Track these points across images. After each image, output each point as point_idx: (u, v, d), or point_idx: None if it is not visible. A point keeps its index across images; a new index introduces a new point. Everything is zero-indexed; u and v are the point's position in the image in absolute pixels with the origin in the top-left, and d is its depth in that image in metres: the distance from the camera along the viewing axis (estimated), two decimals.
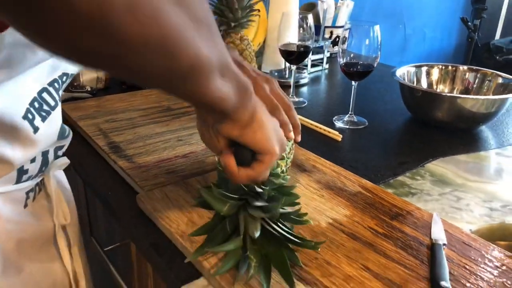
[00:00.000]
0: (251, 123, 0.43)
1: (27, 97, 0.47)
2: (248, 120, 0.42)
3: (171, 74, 0.31)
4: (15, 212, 0.52)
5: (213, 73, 0.35)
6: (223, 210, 0.45)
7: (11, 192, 0.51)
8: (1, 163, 0.47)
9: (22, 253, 0.53)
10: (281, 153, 0.47)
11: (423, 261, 0.51)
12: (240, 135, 0.43)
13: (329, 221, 0.58)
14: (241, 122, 0.42)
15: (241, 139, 0.44)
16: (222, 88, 0.37)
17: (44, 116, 0.50)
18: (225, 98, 0.38)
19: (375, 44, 0.89)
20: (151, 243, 0.56)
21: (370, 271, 0.49)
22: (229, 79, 0.37)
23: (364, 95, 1.12)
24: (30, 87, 0.47)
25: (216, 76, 0.35)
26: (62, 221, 0.60)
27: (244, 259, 0.45)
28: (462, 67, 1.07)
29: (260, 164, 0.45)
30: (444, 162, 0.81)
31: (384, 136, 0.93)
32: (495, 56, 2.55)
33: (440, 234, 0.55)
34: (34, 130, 0.48)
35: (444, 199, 0.68)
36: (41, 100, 0.49)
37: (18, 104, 0.46)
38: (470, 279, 0.49)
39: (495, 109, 0.90)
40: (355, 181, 0.68)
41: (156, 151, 0.76)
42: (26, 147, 0.48)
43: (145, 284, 0.68)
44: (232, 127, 0.43)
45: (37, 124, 0.49)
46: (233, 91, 0.38)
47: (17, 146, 0.47)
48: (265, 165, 0.46)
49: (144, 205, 0.61)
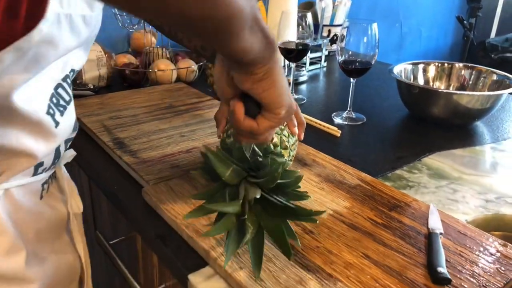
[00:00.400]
0: (266, 79, 0.44)
1: (47, 93, 0.49)
2: (263, 76, 0.43)
3: (209, 22, 0.34)
4: (33, 204, 0.54)
5: (244, 25, 0.37)
6: (225, 174, 0.46)
7: (29, 184, 0.53)
8: (26, 156, 0.49)
9: (40, 243, 0.55)
10: (286, 118, 0.48)
11: (420, 249, 0.53)
12: (252, 88, 0.44)
13: (330, 212, 0.60)
14: (256, 76, 0.43)
15: (252, 92, 0.45)
16: (248, 40, 0.39)
17: (62, 111, 0.52)
18: (249, 50, 0.40)
19: (373, 41, 0.91)
20: (157, 234, 0.58)
21: (370, 258, 0.51)
22: (257, 33, 0.39)
23: (362, 92, 1.14)
24: (48, 84, 0.49)
25: (246, 28, 0.38)
26: (75, 210, 0.62)
27: (240, 226, 0.45)
28: (457, 65, 1.09)
29: (265, 120, 0.47)
30: (440, 156, 0.83)
31: (382, 132, 0.95)
32: (491, 55, 2.58)
33: (437, 224, 0.57)
34: (56, 125, 0.51)
35: (440, 191, 0.70)
36: (57, 95, 0.51)
37: (42, 100, 0.48)
38: (465, 265, 0.51)
39: (490, 105, 0.93)
40: (354, 174, 0.70)
41: (160, 146, 0.78)
42: (48, 141, 0.50)
43: (150, 275, 0.69)
44: (246, 79, 0.44)
45: (57, 118, 0.51)
46: (258, 45, 0.40)
47: (41, 140, 0.49)
48: (269, 122, 0.47)
49: (149, 198, 0.63)
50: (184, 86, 1.12)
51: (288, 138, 0.63)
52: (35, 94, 0.47)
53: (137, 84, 1.14)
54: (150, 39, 1.28)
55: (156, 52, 1.20)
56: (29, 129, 0.48)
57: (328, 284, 0.47)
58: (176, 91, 1.07)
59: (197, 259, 0.53)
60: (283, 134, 0.63)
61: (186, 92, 1.07)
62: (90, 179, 0.86)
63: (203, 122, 0.88)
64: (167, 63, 1.15)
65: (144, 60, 1.17)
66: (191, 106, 0.97)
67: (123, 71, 1.13)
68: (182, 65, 1.18)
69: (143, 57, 1.18)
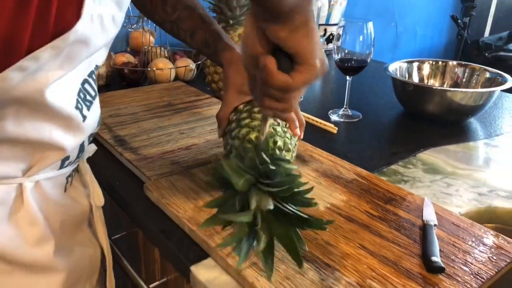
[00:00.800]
0: (302, 28, 0.42)
1: (76, 88, 0.51)
2: (299, 24, 0.42)
3: None
4: (58, 196, 0.56)
5: None
6: (239, 183, 0.46)
7: (56, 177, 0.55)
8: (57, 150, 0.51)
9: (65, 235, 0.57)
10: (321, 74, 0.46)
11: (415, 240, 0.55)
12: (287, 38, 0.43)
13: (327, 206, 0.62)
14: (292, 25, 0.42)
15: (286, 43, 0.43)
16: None
17: (88, 105, 0.53)
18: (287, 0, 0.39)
19: (369, 40, 0.93)
20: (159, 229, 0.60)
21: (366, 249, 0.53)
22: None
23: (358, 90, 1.16)
24: (76, 79, 0.51)
25: None
26: (97, 203, 0.63)
27: (251, 234, 0.46)
28: (451, 63, 1.11)
29: (299, 74, 0.44)
30: (435, 152, 0.85)
31: (378, 129, 0.97)
32: (484, 53, 2.61)
33: (431, 216, 0.59)
34: (83, 119, 0.52)
35: (435, 185, 0.72)
36: (84, 91, 0.52)
37: (71, 95, 0.50)
38: (458, 255, 0.52)
39: (483, 102, 0.95)
40: (350, 169, 0.72)
41: (160, 143, 0.80)
42: (76, 134, 0.52)
43: (152, 269, 0.71)
44: (282, 28, 0.42)
45: (85, 113, 0.52)
46: None
47: (70, 134, 0.51)
48: (305, 76, 0.44)
49: (151, 194, 0.64)
50: (183, 84, 1.13)
51: (291, 140, 0.64)
52: (66, 89, 0.48)
53: (135, 83, 1.15)
54: (149, 38, 1.30)
55: (154, 51, 1.21)
56: (60, 124, 0.49)
57: (326, 273, 0.49)
58: (175, 89, 1.09)
59: (199, 252, 0.54)
60: (286, 136, 0.63)
61: (185, 91, 1.08)
62: None
63: (201, 120, 0.90)
64: (166, 62, 1.17)
65: (142, 59, 1.19)
66: (189, 104, 0.98)
67: (122, 70, 1.15)
68: (180, 64, 1.19)
69: (142, 56, 1.19)
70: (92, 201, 0.63)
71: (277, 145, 0.61)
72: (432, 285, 0.48)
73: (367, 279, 0.48)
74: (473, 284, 0.48)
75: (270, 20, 0.43)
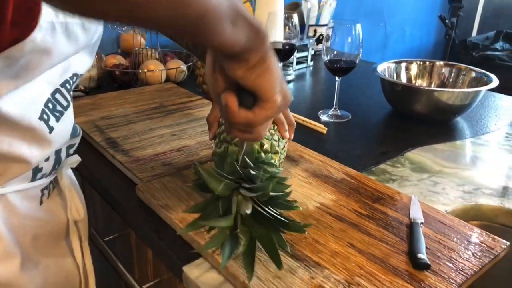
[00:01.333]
0: (259, 66, 0.42)
1: (42, 98, 0.49)
2: (256, 63, 0.42)
3: (180, 23, 0.33)
4: (31, 209, 0.54)
5: (222, 22, 0.36)
6: (218, 189, 0.47)
7: (27, 189, 0.53)
8: (19, 162, 0.49)
9: (37, 248, 0.55)
10: (283, 107, 0.46)
11: (402, 238, 0.56)
12: (244, 77, 0.42)
13: (317, 205, 0.63)
14: (249, 63, 0.41)
15: (245, 81, 0.43)
16: (233, 35, 0.37)
17: (58, 116, 0.52)
18: (235, 43, 0.38)
19: (357, 41, 0.94)
20: (151, 229, 0.60)
21: (355, 247, 0.54)
22: (241, 25, 0.38)
23: (347, 90, 1.18)
24: (44, 89, 0.49)
25: (227, 24, 0.36)
26: (75, 217, 0.62)
27: (233, 237, 0.47)
28: (438, 63, 1.13)
29: (261, 110, 0.44)
30: (422, 151, 0.86)
31: (367, 128, 0.98)
32: (472, 53, 2.64)
33: (418, 214, 0.61)
34: (50, 130, 0.51)
35: (422, 184, 0.74)
36: (54, 101, 0.51)
37: (34, 106, 0.48)
38: (444, 252, 0.54)
39: (469, 101, 0.97)
40: (339, 169, 0.73)
41: (152, 145, 0.80)
42: (42, 146, 0.51)
43: (145, 270, 0.72)
44: (239, 66, 0.42)
45: (52, 124, 0.51)
46: (245, 37, 0.39)
47: (34, 145, 0.50)
48: (266, 112, 0.44)
49: (143, 195, 0.65)
50: (174, 86, 1.14)
51: (278, 142, 0.64)
52: (27, 99, 0.47)
53: (127, 85, 1.15)
54: (139, 40, 1.30)
55: (145, 53, 1.22)
56: (20, 135, 0.48)
57: (316, 272, 0.50)
58: (166, 91, 1.10)
59: (191, 252, 0.55)
60: (273, 139, 0.63)
61: (176, 92, 1.09)
62: (83, 178, 0.88)
63: (193, 121, 0.91)
64: (157, 63, 1.17)
65: (133, 61, 1.19)
66: (181, 106, 0.99)
67: (113, 72, 1.15)
68: (171, 66, 1.20)
69: (133, 58, 1.20)
70: (69, 215, 0.61)
71: (264, 148, 0.61)
72: (418, 282, 0.49)
73: (355, 276, 0.50)
74: (457, 280, 0.49)
75: (228, 60, 0.42)
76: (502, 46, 2.69)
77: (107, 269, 0.76)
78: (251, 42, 0.40)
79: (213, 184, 0.47)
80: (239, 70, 0.42)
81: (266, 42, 0.42)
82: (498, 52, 2.65)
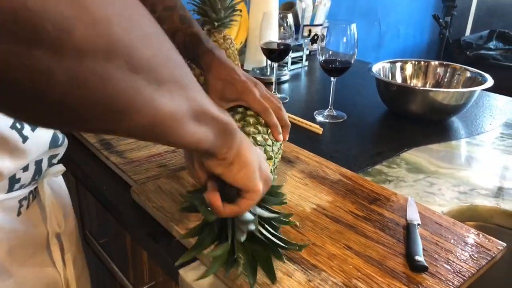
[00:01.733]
0: (235, 163, 0.42)
1: None
2: (233, 160, 0.42)
3: (133, 131, 0.31)
4: (7, 220, 0.53)
5: (182, 124, 0.34)
6: (212, 218, 0.46)
7: (3, 200, 0.52)
8: None
9: (13, 259, 0.54)
10: (266, 190, 0.47)
11: (399, 240, 0.56)
12: (223, 173, 0.43)
13: (313, 207, 0.62)
14: (225, 161, 0.42)
15: (226, 178, 0.43)
16: (197, 133, 0.36)
17: (33, 126, 0.50)
18: (202, 141, 0.37)
19: (352, 41, 0.94)
20: (147, 232, 0.60)
21: (352, 249, 0.54)
22: (206, 123, 0.37)
23: (343, 90, 1.18)
24: None
25: (189, 123, 0.34)
26: (56, 229, 0.60)
27: (232, 260, 0.47)
28: (433, 63, 1.13)
29: (245, 201, 0.45)
30: (418, 151, 0.86)
31: (362, 129, 0.98)
32: (466, 52, 2.65)
33: (415, 215, 0.61)
34: (23, 140, 0.49)
35: (418, 184, 0.74)
36: None
37: None
38: (441, 253, 0.54)
39: (464, 101, 0.97)
40: (335, 170, 0.73)
41: (146, 147, 0.80)
42: (15, 156, 0.49)
43: (140, 272, 0.71)
44: (217, 164, 0.42)
45: (26, 133, 0.49)
46: (212, 134, 0.38)
47: (6, 156, 0.48)
48: (250, 201, 0.45)
49: (138, 197, 0.64)
50: None
51: (272, 146, 0.62)
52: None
53: None
54: None
55: None
56: None
57: (313, 274, 0.50)
58: None
59: None
60: (267, 144, 0.61)
61: None
62: (77, 180, 0.87)
63: None
64: None
65: None
66: None
67: None
68: None
69: None
70: (49, 227, 0.60)
71: None
72: (415, 284, 0.49)
73: (353, 279, 0.49)
74: (455, 282, 0.49)
75: (206, 157, 0.42)
76: (495, 45, 2.71)
77: (102, 271, 0.75)
78: (220, 138, 0.39)
79: (208, 215, 0.46)
80: (218, 167, 0.42)
81: (237, 134, 0.42)
82: (492, 51, 2.67)
